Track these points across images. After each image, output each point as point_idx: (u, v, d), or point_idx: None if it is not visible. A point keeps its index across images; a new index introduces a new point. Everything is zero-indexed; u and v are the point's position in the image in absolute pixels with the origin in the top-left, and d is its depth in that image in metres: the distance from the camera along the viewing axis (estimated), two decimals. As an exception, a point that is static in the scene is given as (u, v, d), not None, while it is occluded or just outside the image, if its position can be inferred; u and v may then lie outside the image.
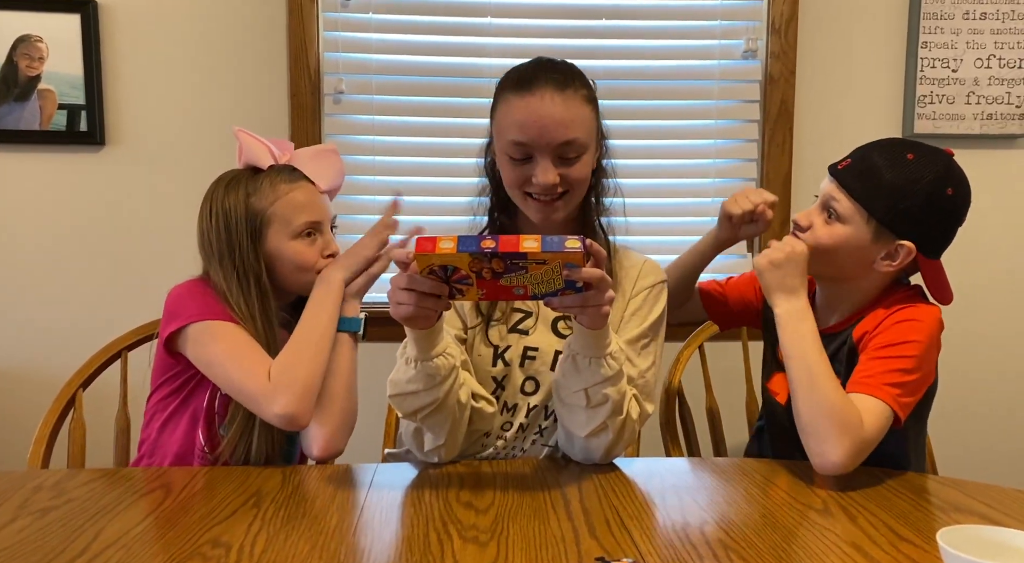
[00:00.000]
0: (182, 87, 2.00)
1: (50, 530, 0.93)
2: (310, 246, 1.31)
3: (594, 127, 1.23)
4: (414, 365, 1.10)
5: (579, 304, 1.01)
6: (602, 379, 1.10)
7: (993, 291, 2.18)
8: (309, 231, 1.30)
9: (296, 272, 1.31)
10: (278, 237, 1.29)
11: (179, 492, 1.07)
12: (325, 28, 2.02)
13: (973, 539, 0.79)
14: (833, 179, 1.21)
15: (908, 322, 1.17)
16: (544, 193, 1.20)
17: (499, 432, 1.28)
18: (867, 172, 1.18)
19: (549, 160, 1.18)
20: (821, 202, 1.23)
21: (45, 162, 1.99)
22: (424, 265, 0.95)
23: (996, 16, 2.07)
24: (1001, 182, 2.15)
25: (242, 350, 1.22)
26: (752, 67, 2.08)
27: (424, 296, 1.00)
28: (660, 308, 1.29)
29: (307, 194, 1.31)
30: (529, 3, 2.05)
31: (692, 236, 2.09)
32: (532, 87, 1.17)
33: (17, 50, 1.93)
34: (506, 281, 0.96)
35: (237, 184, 1.30)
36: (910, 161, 1.17)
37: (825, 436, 1.08)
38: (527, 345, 1.26)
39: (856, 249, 1.19)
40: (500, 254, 0.92)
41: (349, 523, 0.96)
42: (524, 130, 1.17)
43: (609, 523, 0.96)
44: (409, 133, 2.05)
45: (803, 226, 1.23)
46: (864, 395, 1.12)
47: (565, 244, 0.92)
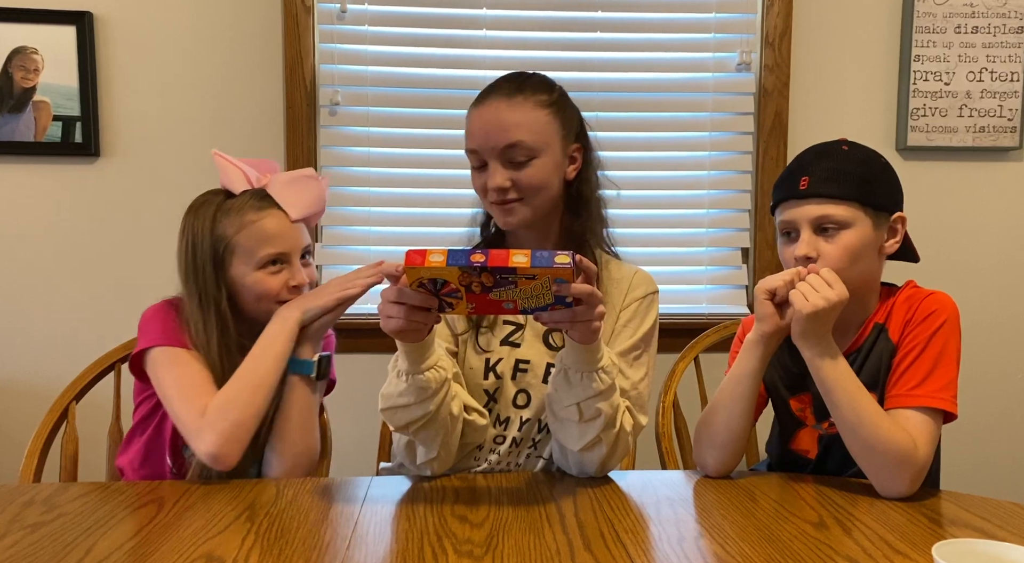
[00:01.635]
0: (177, 99, 2.00)
1: (41, 545, 0.92)
2: (274, 276, 1.27)
3: (552, 132, 1.23)
4: (405, 378, 1.10)
5: (568, 319, 1.00)
6: (594, 393, 1.10)
7: (986, 304, 2.18)
8: (274, 260, 1.27)
9: (256, 301, 1.27)
10: (241, 266, 1.26)
11: (172, 506, 1.06)
12: (321, 40, 2.02)
13: (969, 553, 0.79)
14: (807, 200, 1.18)
15: (932, 316, 1.18)
16: (496, 196, 1.22)
17: (492, 445, 1.28)
18: (833, 175, 1.18)
19: (497, 163, 1.21)
20: (811, 227, 1.18)
21: (40, 173, 1.99)
22: (413, 278, 0.95)
23: (988, 30, 2.08)
24: (994, 195, 2.16)
25: (188, 380, 1.21)
26: (746, 80, 2.09)
27: (414, 309, 1.00)
28: (651, 319, 1.29)
29: (275, 223, 1.27)
30: (524, 16, 2.06)
31: (687, 248, 2.13)
32: (484, 99, 1.24)
33: (12, 62, 1.93)
34: (496, 295, 0.96)
35: (208, 208, 1.28)
36: (847, 150, 1.21)
37: (884, 471, 1.09)
38: (519, 358, 1.26)
39: (868, 245, 1.20)
40: (489, 268, 0.92)
41: (343, 537, 0.96)
42: (473, 137, 1.23)
43: (604, 536, 0.96)
44: (404, 145, 2.06)
45: (813, 257, 1.17)
46: (910, 410, 1.12)
47: (555, 259, 0.92)
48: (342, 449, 1.61)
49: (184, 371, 1.22)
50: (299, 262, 1.29)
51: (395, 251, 2.00)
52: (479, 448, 1.28)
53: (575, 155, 1.27)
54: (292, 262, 1.28)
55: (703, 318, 2.07)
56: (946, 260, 2.16)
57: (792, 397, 1.28)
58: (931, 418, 1.12)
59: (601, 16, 2.07)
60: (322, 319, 1.28)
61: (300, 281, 1.28)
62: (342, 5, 2.00)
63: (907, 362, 1.16)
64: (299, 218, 1.30)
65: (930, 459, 1.11)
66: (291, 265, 1.28)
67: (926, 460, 1.10)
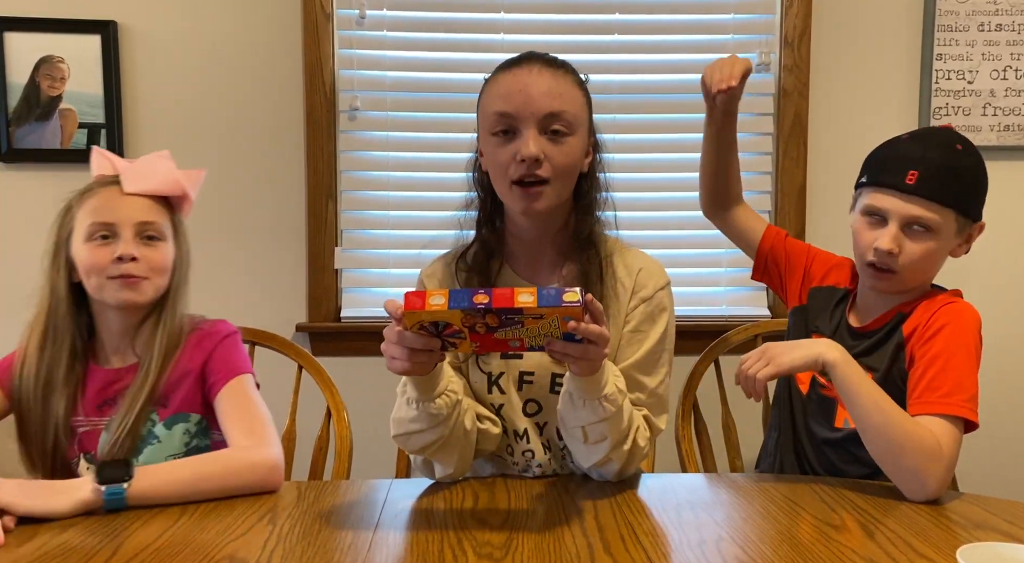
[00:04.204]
0: (199, 105, 2.02)
1: (69, 546, 0.94)
2: (101, 248, 1.20)
3: (585, 115, 1.18)
4: (415, 406, 1.07)
5: (579, 355, 0.95)
6: (598, 419, 1.06)
7: (1009, 303, 2.15)
8: (103, 234, 1.21)
9: (87, 276, 1.21)
10: (76, 242, 1.22)
11: (195, 508, 1.07)
12: (340, 46, 2.04)
13: (994, 556, 0.78)
14: (910, 197, 1.17)
15: (952, 325, 1.17)
16: (527, 169, 1.12)
17: (525, 462, 1.24)
18: (943, 177, 1.16)
19: (534, 131, 1.11)
20: (901, 223, 1.18)
21: (66, 180, 1.97)
22: (414, 322, 0.91)
23: (1012, 27, 2.06)
24: (1020, 194, 2.13)
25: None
26: (765, 81, 2.08)
27: (416, 351, 0.96)
28: (663, 320, 1.22)
29: (107, 196, 1.23)
30: (541, 19, 2.06)
31: (706, 250, 2.12)
32: (520, 62, 1.15)
33: (39, 71, 1.97)
34: (501, 335, 0.92)
35: (71, 196, 1.27)
36: (961, 151, 1.18)
37: (916, 469, 1.07)
38: (522, 370, 1.21)
39: (946, 250, 1.21)
40: (494, 310, 0.87)
41: (364, 539, 0.96)
42: (509, 99, 1.12)
43: (624, 539, 0.96)
44: (423, 149, 2.07)
45: (895, 252, 1.18)
46: (932, 417, 1.11)
47: (563, 298, 0.87)
48: (363, 451, 1.62)
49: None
50: (131, 237, 1.21)
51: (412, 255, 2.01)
52: (524, 470, 1.25)
53: (590, 149, 1.22)
54: (120, 234, 1.20)
55: (722, 320, 2.06)
56: (971, 260, 2.12)
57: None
58: (951, 428, 1.10)
59: (619, 18, 2.07)
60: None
61: (123, 252, 1.19)
62: (361, 11, 2.02)
63: (929, 369, 1.15)
64: (133, 191, 1.23)
65: (954, 462, 1.10)
66: (119, 238, 1.20)
67: (952, 459, 1.09)
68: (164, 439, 1.24)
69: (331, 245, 2.06)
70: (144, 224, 1.22)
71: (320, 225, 2.05)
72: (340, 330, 2.06)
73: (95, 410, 1.25)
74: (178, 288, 1.27)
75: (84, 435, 1.25)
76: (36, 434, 1.23)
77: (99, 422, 1.24)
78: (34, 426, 1.23)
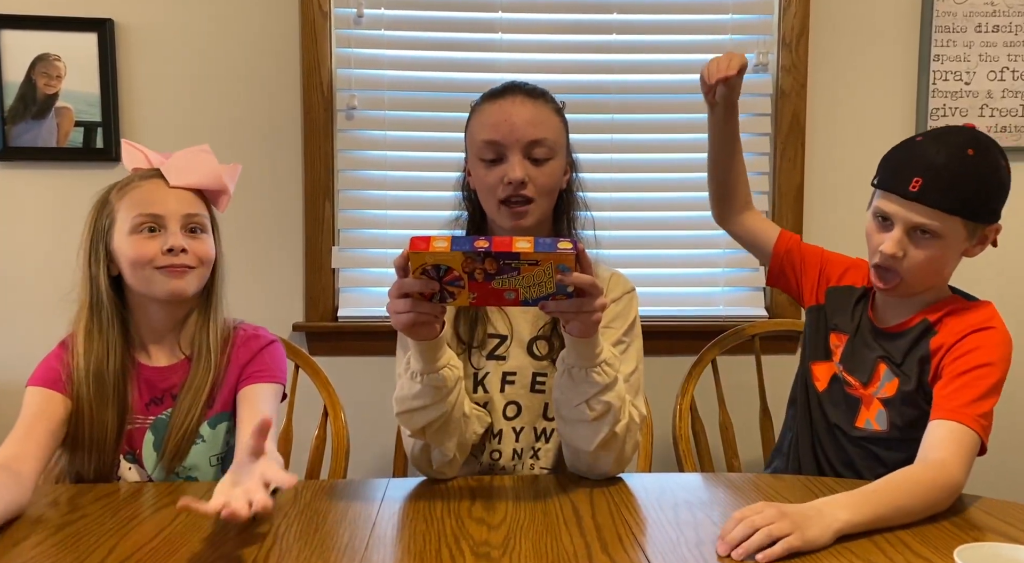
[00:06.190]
0: (196, 104, 2.02)
1: (64, 546, 0.94)
2: (149, 241, 1.20)
3: (563, 139, 1.28)
4: (419, 379, 1.10)
5: (574, 308, 1.01)
6: (600, 388, 1.11)
7: (1008, 304, 2.15)
8: (150, 226, 1.20)
9: (133, 269, 1.20)
10: (119, 235, 1.21)
11: (192, 507, 1.07)
12: (338, 45, 2.04)
13: (992, 557, 0.78)
14: (912, 203, 1.16)
15: (984, 348, 1.18)
16: (512, 190, 1.22)
17: (489, 460, 1.29)
18: (948, 187, 1.15)
19: (519, 156, 1.22)
20: (905, 228, 1.18)
21: (62, 178, 2.01)
22: (418, 264, 0.96)
23: (1009, 28, 2.06)
24: (1016, 194, 2.13)
25: (19, 423, 1.17)
26: (763, 81, 2.08)
27: (420, 301, 1.00)
28: (632, 315, 1.30)
29: (151, 188, 1.23)
30: (539, 19, 2.06)
31: (703, 250, 2.12)
32: (504, 94, 1.26)
33: (35, 69, 1.96)
34: (498, 284, 0.97)
35: (104, 189, 1.27)
36: (972, 157, 1.17)
37: (941, 505, 1.05)
38: (505, 371, 1.27)
39: (955, 252, 1.21)
40: (493, 254, 0.93)
41: (361, 538, 0.96)
42: (496, 128, 1.23)
43: (622, 539, 0.95)
44: (421, 148, 2.07)
45: (898, 256, 1.18)
46: (953, 423, 1.10)
47: (558, 245, 0.94)
48: (360, 451, 1.62)
49: (23, 413, 1.19)
50: (178, 230, 1.21)
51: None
52: (486, 472, 1.28)
53: (568, 167, 1.32)
54: (168, 227, 1.21)
55: (720, 321, 2.05)
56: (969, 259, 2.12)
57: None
58: (969, 437, 1.10)
59: (617, 18, 2.07)
60: None
61: (174, 244, 1.20)
62: (359, 10, 2.02)
63: (953, 378, 1.15)
64: (178, 184, 1.24)
65: (965, 476, 1.07)
66: (167, 230, 1.21)
67: (961, 478, 1.07)
68: (209, 438, 1.24)
69: (328, 244, 2.05)
70: (190, 216, 1.24)
71: (317, 224, 2.04)
72: (337, 330, 2.05)
73: (143, 408, 1.25)
74: (221, 282, 1.29)
75: (128, 433, 1.24)
76: (90, 435, 1.21)
77: (145, 421, 1.24)
78: (86, 426, 1.21)
